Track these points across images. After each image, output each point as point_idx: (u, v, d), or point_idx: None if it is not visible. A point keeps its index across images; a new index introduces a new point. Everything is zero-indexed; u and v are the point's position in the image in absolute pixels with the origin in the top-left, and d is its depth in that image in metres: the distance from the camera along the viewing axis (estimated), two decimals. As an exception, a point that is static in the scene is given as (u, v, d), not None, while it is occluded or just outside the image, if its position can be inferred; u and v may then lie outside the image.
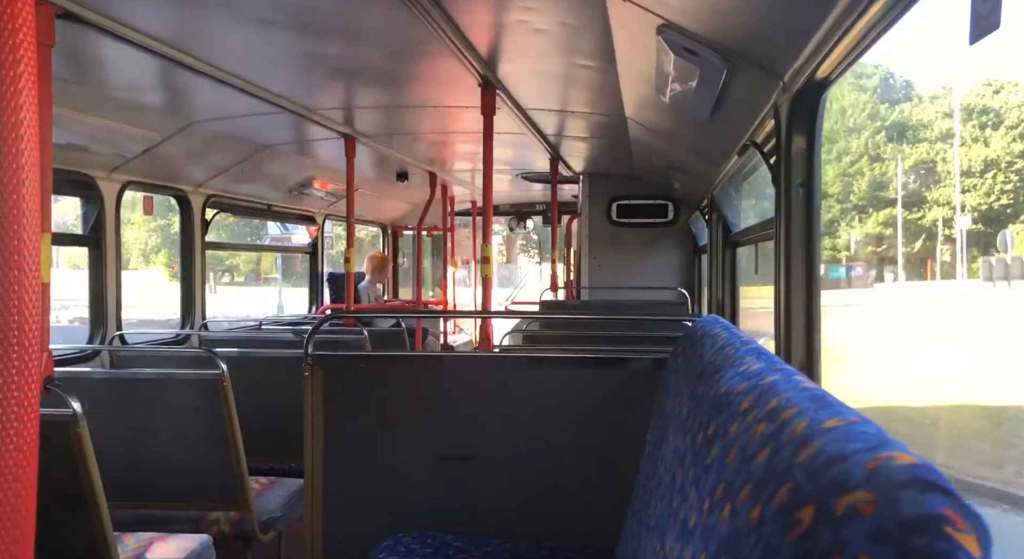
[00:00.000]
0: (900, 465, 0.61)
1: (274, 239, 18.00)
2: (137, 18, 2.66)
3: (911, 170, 48.68)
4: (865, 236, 49.23)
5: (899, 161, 48.93)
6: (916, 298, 33.30)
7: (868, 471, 0.63)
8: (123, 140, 4.03)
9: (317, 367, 2.56)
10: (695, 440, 1.17)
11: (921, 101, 51.80)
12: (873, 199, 49.63)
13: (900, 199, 48.27)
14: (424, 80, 3.80)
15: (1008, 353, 16.95)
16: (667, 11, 2.21)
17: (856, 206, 49.48)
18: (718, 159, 3.84)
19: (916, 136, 49.92)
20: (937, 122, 49.81)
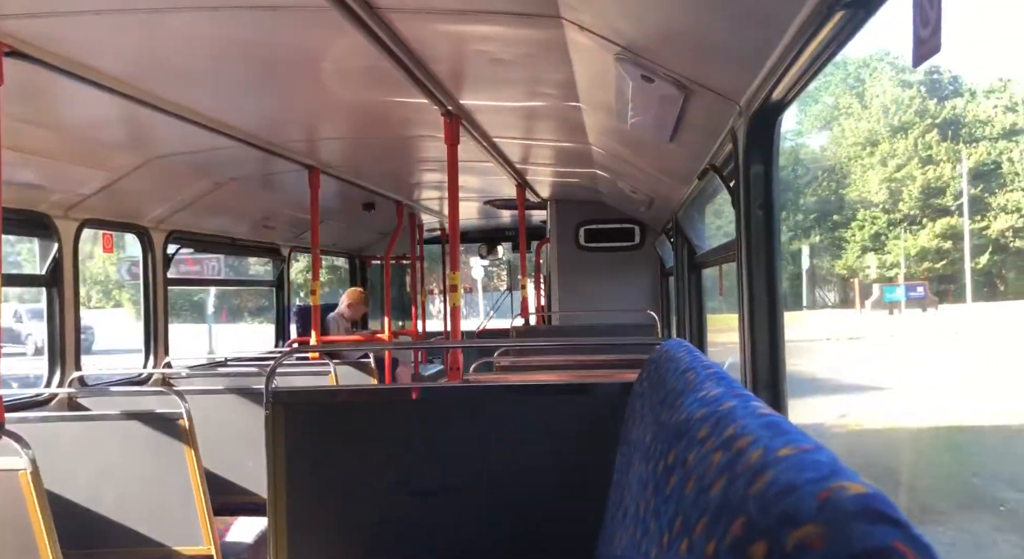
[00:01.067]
0: (851, 496, 0.61)
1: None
2: (92, 55, 2.62)
3: (971, 173, 43.66)
4: (921, 250, 44.36)
5: (963, 160, 43.52)
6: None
7: (820, 502, 0.62)
8: (80, 178, 3.95)
9: (278, 405, 2.51)
10: (656, 469, 1.16)
11: (975, 96, 47.20)
12: (927, 207, 44.82)
13: (966, 205, 43.24)
14: (387, 111, 3.80)
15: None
16: (623, 39, 2.24)
17: (907, 216, 44.71)
18: (680, 183, 3.89)
19: (973, 135, 45.29)
20: (998, 117, 45.41)
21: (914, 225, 44.85)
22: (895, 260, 44.65)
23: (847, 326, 32.49)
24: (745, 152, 2.10)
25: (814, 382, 16.49)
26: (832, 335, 28.90)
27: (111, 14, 2.25)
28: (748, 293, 2.11)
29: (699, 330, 4.68)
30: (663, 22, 2.06)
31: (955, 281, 45.07)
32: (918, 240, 44.59)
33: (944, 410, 13.50)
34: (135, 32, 2.45)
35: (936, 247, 44.36)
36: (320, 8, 2.22)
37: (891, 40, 49.88)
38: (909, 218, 44.57)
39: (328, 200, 6.21)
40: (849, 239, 46.15)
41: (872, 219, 45.32)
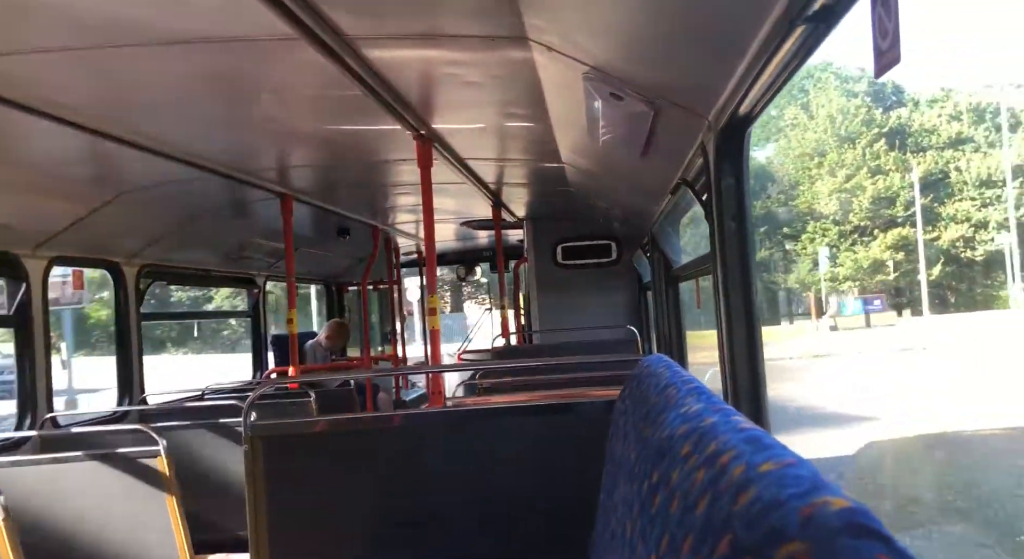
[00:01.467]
0: (835, 511, 0.61)
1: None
2: (57, 93, 2.59)
3: (920, 182, 43.08)
4: (873, 262, 43.62)
5: (914, 169, 42.95)
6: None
7: (804, 518, 0.62)
8: (48, 215, 3.89)
9: (257, 439, 2.47)
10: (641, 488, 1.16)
11: (918, 105, 47.35)
12: (877, 218, 44.32)
13: (919, 215, 42.55)
14: (359, 136, 3.80)
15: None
16: (591, 58, 2.27)
17: (857, 228, 44.14)
18: (654, 198, 3.92)
19: (919, 144, 45.07)
20: (943, 126, 45.37)
21: (865, 236, 44.45)
22: (847, 273, 43.84)
23: (810, 342, 31.98)
24: (716, 166, 2.13)
25: (797, 413, 15.09)
26: (796, 353, 28.15)
27: (76, 51, 2.24)
28: (725, 305, 2.13)
29: (679, 343, 4.69)
30: (629, 41, 2.08)
31: (909, 293, 44.66)
32: (870, 252, 44.10)
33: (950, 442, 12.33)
34: (102, 68, 2.43)
35: (889, 259, 43.98)
36: (288, 38, 2.22)
37: (842, 51, 50.28)
38: (860, 229, 44.18)
39: (302, 227, 6.17)
40: (800, 252, 46.08)
41: (823, 231, 44.96)
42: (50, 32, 2.13)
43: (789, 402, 16.49)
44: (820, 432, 13.24)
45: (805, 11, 1.27)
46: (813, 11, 1.26)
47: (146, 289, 5.19)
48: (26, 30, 2.11)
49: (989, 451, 11.88)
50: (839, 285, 44.54)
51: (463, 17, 2.23)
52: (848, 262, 44.40)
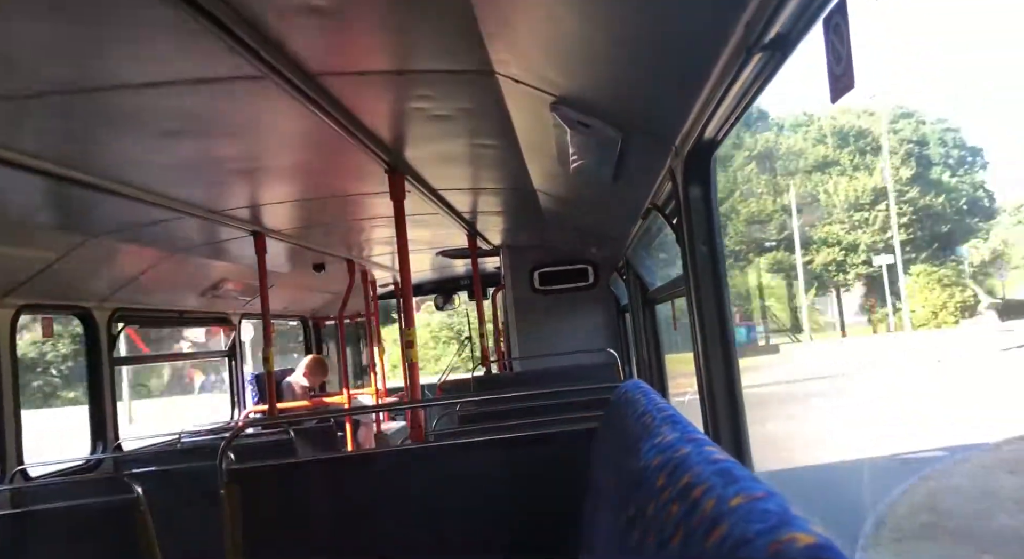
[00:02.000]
0: (801, 547, 0.62)
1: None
2: (18, 139, 2.57)
3: (788, 207, 43.32)
4: (748, 288, 42.43)
5: (791, 190, 43.11)
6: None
7: (771, 554, 0.63)
8: (14, 263, 3.83)
9: (233, 484, 2.42)
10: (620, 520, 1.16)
11: (782, 129, 47.90)
12: (752, 242, 43.99)
13: (797, 238, 42.61)
14: (330, 171, 3.80)
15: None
16: (557, 89, 2.30)
17: (733, 252, 43.13)
18: (626, 222, 3.96)
19: (787, 167, 45.52)
20: (810, 150, 46.04)
21: (740, 261, 43.88)
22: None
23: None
24: (684, 190, 2.16)
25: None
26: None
27: (39, 97, 2.22)
28: (700, 326, 2.14)
29: (658, 367, 4.71)
30: (594, 71, 2.12)
31: (793, 318, 43.68)
32: (747, 277, 43.30)
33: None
34: (66, 113, 2.41)
35: (765, 283, 43.30)
36: (256, 77, 2.22)
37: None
38: (734, 254, 43.56)
39: (277, 264, 6.13)
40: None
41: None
42: (16, 79, 2.11)
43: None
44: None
45: (761, 40, 1.30)
46: (769, 39, 1.29)
47: (118, 334, 5.10)
48: None
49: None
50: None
51: (429, 53, 2.25)
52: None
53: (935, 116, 50.11)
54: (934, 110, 58.11)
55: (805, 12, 1.19)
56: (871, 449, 12.28)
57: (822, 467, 11.75)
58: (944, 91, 66.08)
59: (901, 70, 66.47)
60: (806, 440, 13.98)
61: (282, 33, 2.02)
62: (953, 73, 71.52)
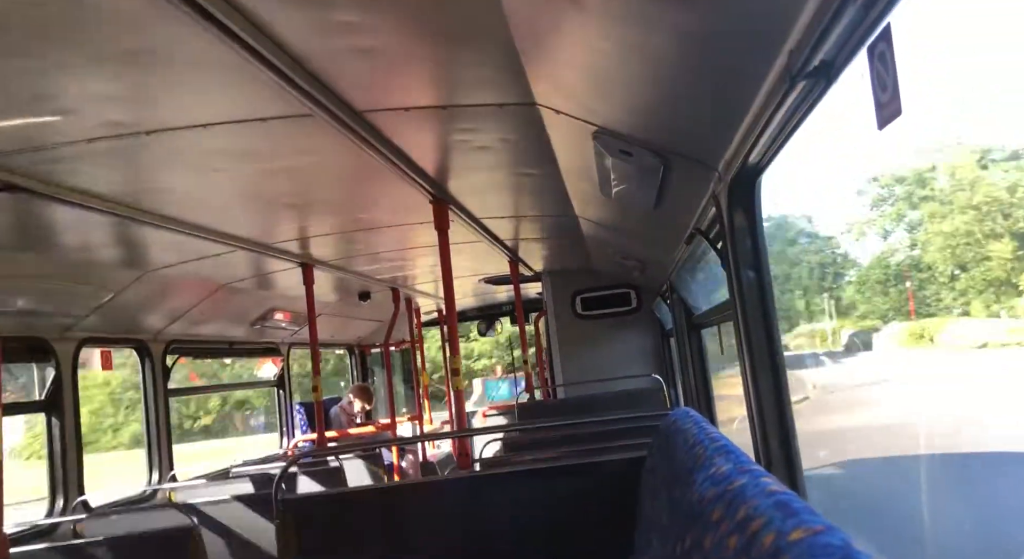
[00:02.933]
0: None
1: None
2: (84, 181, 2.69)
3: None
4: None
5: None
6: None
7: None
8: (76, 299, 3.98)
9: (287, 513, 2.45)
10: (675, 552, 1.15)
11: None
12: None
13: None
14: (376, 203, 3.87)
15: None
16: (599, 119, 2.32)
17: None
18: (670, 247, 3.94)
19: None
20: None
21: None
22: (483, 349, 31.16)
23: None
24: (729, 215, 2.15)
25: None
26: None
27: (101, 141, 2.33)
28: (748, 352, 2.11)
29: (705, 392, 4.64)
30: (635, 99, 2.14)
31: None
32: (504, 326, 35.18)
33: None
34: (126, 154, 2.52)
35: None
36: (305, 115, 2.30)
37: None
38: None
39: (324, 294, 6.24)
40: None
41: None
42: (78, 126, 2.22)
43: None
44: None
45: (805, 68, 1.30)
46: (813, 67, 1.29)
47: (172, 365, 5.24)
48: (55, 126, 2.20)
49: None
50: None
51: (472, 88, 2.30)
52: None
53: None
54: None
55: (849, 40, 1.19)
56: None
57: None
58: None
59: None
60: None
61: (330, 72, 2.09)
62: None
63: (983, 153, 26.21)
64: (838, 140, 45.83)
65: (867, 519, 8.46)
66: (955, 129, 42.62)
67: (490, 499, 2.53)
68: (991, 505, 7.38)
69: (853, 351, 24.64)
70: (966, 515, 7.92)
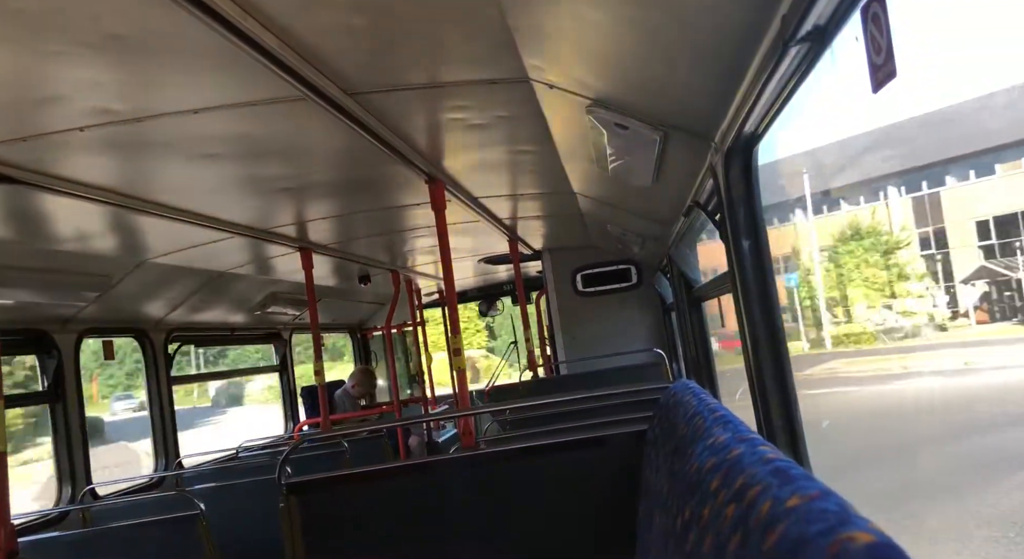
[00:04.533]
0: (860, 547, 0.61)
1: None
2: (78, 171, 2.67)
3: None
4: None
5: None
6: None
7: (831, 556, 0.62)
8: (74, 290, 3.97)
9: (293, 495, 2.47)
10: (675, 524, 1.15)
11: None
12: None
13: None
14: (372, 185, 3.85)
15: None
16: (592, 92, 2.30)
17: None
18: (668, 221, 3.92)
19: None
20: None
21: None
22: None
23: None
24: (726, 186, 2.13)
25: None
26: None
27: (93, 129, 2.31)
28: (748, 322, 2.11)
29: (706, 364, 4.65)
30: (628, 72, 2.11)
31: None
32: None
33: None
34: (117, 142, 2.50)
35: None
36: (297, 98, 2.27)
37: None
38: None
39: (323, 278, 6.23)
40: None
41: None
42: (70, 115, 2.20)
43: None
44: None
45: (798, 32, 1.29)
46: (806, 32, 1.28)
47: (174, 353, 5.25)
48: (47, 115, 2.18)
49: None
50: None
51: (464, 64, 2.28)
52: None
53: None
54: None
55: (842, 3, 1.17)
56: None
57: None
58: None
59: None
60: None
61: (319, 53, 2.06)
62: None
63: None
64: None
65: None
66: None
67: (495, 476, 2.55)
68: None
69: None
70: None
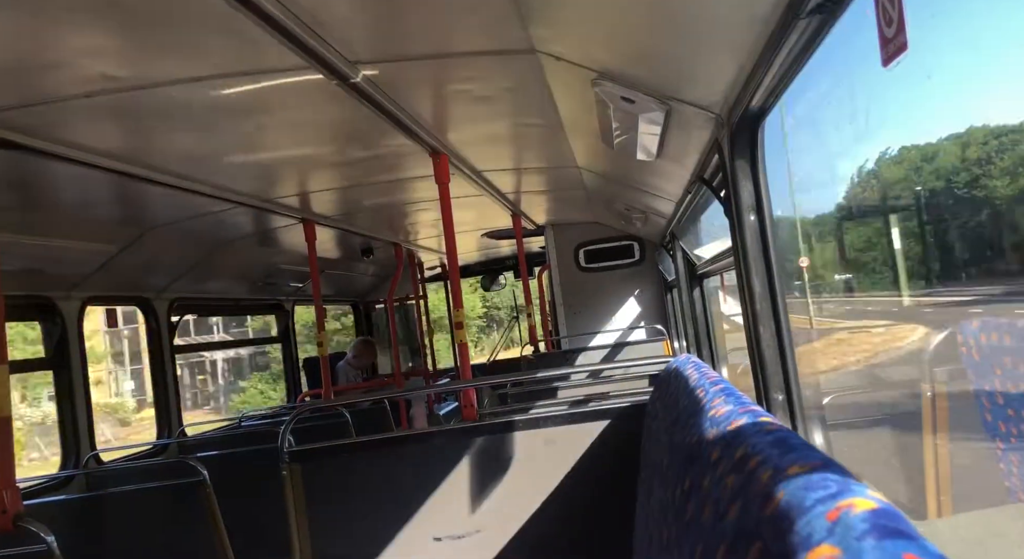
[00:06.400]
0: (860, 513, 0.62)
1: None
2: (83, 137, 2.66)
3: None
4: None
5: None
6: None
7: (830, 523, 0.63)
8: (79, 257, 3.98)
9: (295, 463, 2.50)
10: (675, 494, 1.16)
11: None
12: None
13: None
14: (375, 157, 3.84)
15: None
16: (598, 65, 2.28)
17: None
18: (672, 197, 3.91)
19: None
20: None
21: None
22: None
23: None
24: (731, 161, 2.13)
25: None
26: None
27: (99, 96, 2.30)
28: (749, 299, 2.12)
29: (708, 340, 4.67)
30: (634, 45, 2.09)
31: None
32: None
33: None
34: (123, 109, 2.49)
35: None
36: (301, 68, 2.26)
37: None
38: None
39: (326, 250, 6.24)
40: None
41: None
42: (74, 81, 2.19)
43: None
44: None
45: (806, 4, 1.27)
46: (815, 4, 1.26)
47: (178, 322, 5.28)
48: (51, 80, 2.17)
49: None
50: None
51: (470, 35, 2.25)
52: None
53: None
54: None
55: None
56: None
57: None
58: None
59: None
60: None
61: (324, 22, 2.04)
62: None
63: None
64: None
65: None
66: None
67: (496, 448, 2.57)
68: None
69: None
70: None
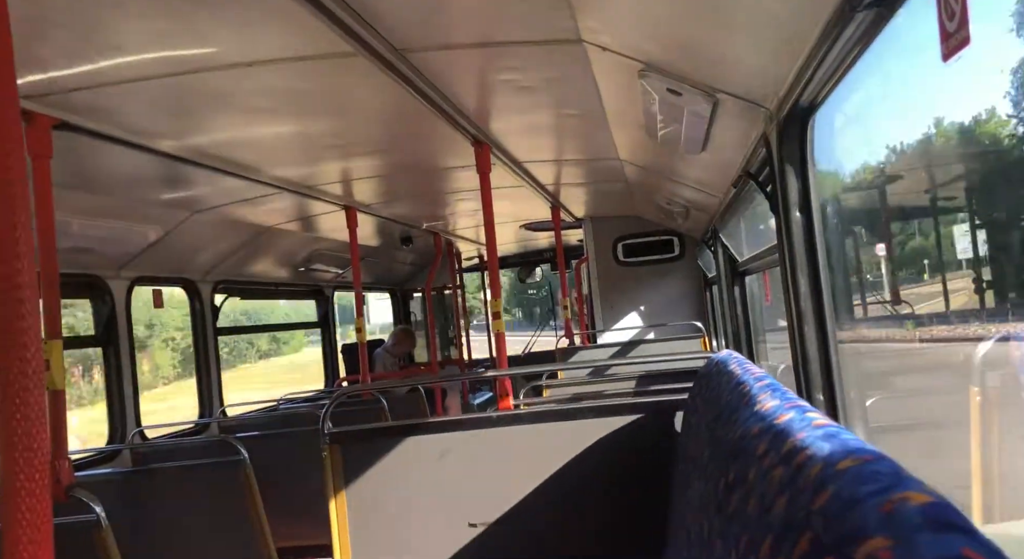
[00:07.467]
0: (915, 506, 0.60)
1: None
2: (136, 120, 2.73)
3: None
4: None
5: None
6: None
7: (884, 515, 0.61)
8: (128, 238, 4.09)
9: (335, 445, 2.55)
10: (717, 487, 1.15)
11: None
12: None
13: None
14: (418, 146, 3.86)
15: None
16: (645, 56, 2.25)
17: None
18: (716, 191, 3.86)
19: None
20: None
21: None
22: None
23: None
24: (779, 156, 2.09)
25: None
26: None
27: (153, 80, 2.35)
28: (794, 298, 2.08)
29: (748, 338, 4.60)
30: (683, 36, 2.07)
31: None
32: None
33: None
34: (175, 93, 2.55)
35: None
36: (347, 54, 2.28)
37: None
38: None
39: (366, 237, 6.30)
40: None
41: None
42: (132, 64, 2.24)
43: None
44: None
45: None
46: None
47: (221, 305, 5.39)
48: (110, 64, 2.22)
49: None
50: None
51: (517, 24, 2.25)
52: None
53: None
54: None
55: None
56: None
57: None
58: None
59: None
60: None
61: (372, 8, 2.05)
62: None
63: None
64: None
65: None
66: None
67: (530, 438, 2.58)
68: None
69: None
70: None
